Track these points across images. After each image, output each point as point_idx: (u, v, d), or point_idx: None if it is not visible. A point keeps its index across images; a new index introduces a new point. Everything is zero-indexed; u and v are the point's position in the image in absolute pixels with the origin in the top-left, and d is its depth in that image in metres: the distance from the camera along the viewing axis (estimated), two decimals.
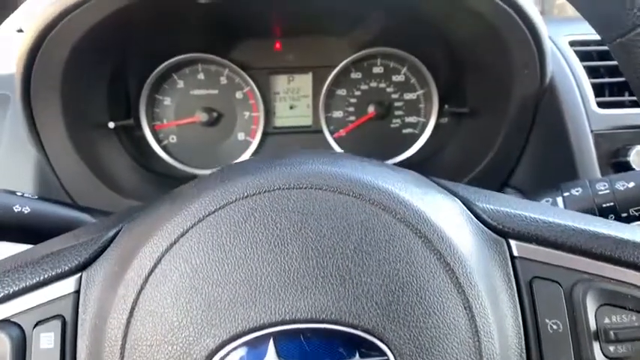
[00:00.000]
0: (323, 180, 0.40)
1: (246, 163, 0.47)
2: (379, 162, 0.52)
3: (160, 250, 0.39)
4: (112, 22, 0.77)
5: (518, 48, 0.82)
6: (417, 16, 0.92)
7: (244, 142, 1.13)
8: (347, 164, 0.44)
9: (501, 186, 0.97)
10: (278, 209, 0.39)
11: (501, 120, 0.92)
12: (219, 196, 0.40)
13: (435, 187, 0.48)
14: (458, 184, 0.53)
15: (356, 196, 0.40)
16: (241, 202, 0.39)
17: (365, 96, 1.13)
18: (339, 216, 0.39)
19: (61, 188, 0.90)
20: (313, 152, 0.49)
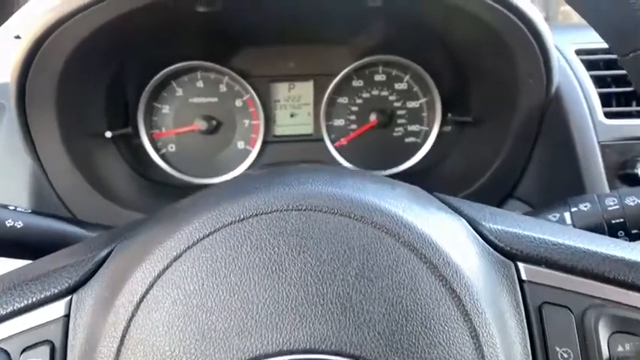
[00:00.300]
0: (323, 201, 0.38)
1: (243, 180, 0.45)
2: (381, 177, 0.51)
3: (151, 275, 0.37)
4: (109, 31, 0.76)
5: (524, 57, 0.80)
6: (420, 23, 0.91)
7: (244, 151, 1.11)
8: (348, 183, 0.42)
9: (506, 197, 0.96)
10: (276, 232, 0.37)
11: (506, 130, 0.90)
12: (214, 218, 0.38)
13: (439, 205, 0.46)
14: (462, 201, 0.52)
15: (357, 219, 0.38)
16: (237, 224, 0.38)
17: (367, 104, 1.11)
18: (340, 240, 0.37)
19: (57, 198, 0.88)
20: (313, 169, 0.48)
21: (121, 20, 0.73)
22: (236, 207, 0.38)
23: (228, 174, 1.10)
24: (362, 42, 1.04)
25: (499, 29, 0.78)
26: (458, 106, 1.06)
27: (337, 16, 0.91)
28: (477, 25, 0.79)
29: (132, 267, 0.39)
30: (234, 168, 1.11)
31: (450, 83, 1.06)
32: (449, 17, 0.81)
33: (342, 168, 0.52)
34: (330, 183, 0.41)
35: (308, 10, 0.88)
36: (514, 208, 0.95)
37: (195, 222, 0.38)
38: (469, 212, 0.47)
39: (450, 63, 1.02)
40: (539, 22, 0.78)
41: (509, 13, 0.75)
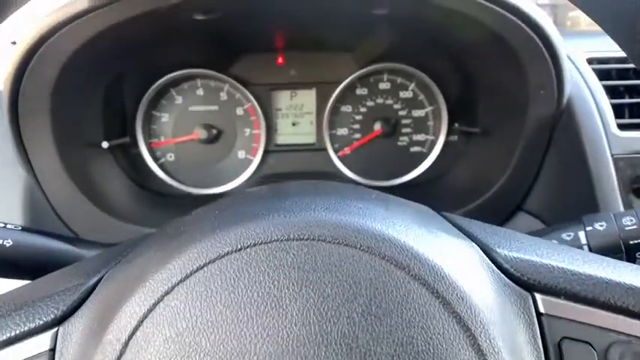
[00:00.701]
0: (326, 230, 0.36)
1: (241, 203, 0.42)
2: (388, 198, 0.48)
3: (141, 311, 0.34)
4: (106, 39, 0.73)
5: (535, 67, 0.78)
6: (426, 31, 0.88)
7: (245, 161, 1.09)
8: (353, 208, 0.39)
9: (515, 210, 0.93)
10: (275, 264, 0.35)
11: (515, 141, 0.87)
12: (208, 247, 0.35)
13: (450, 230, 0.43)
14: (474, 223, 0.49)
15: (364, 249, 0.35)
16: (234, 255, 0.35)
17: (371, 113, 1.09)
18: (345, 273, 0.34)
19: (52, 211, 0.86)
20: (315, 189, 0.45)
21: (117, 28, 0.71)
22: (232, 236, 0.35)
23: (229, 184, 1.08)
24: (366, 49, 1.02)
25: (509, 38, 0.75)
26: (465, 116, 1.04)
27: (341, 23, 0.88)
28: (485, 33, 0.76)
29: (121, 300, 0.36)
30: (234, 178, 1.08)
31: (457, 92, 1.04)
32: (456, 25, 0.78)
33: (346, 186, 0.49)
34: (334, 208, 0.38)
35: (311, 18, 0.85)
36: (523, 221, 0.93)
37: (188, 252, 0.36)
38: (482, 237, 0.44)
39: (457, 72, 0.99)
40: (552, 32, 0.75)
41: (520, 21, 0.72)
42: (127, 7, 0.65)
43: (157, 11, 0.67)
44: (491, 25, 0.73)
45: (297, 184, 0.49)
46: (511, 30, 0.73)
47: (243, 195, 0.46)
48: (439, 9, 0.71)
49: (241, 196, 0.45)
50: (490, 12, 0.72)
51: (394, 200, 0.48)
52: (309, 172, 1.10)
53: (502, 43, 0.76)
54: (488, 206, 0.92)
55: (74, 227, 0.87)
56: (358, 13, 0.78)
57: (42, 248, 0.61)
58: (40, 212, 0.85)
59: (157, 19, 0.73)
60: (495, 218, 0.93)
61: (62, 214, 0.86)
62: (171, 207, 1.02)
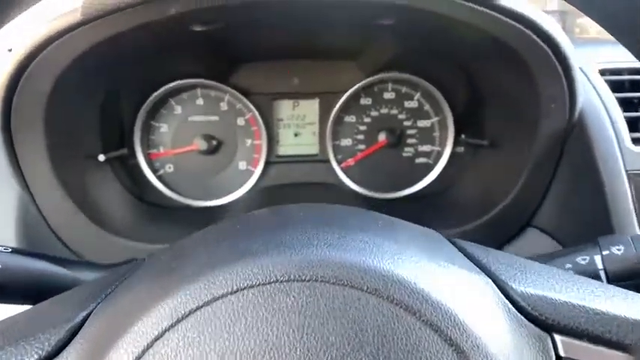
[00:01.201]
0: (330, 270, 0.33)
1: (236, 236, 0.39)
2: (393, 225, 0.45)
3: (129, 358, 0.32)
4: (102, 50, 0.71)
5: (546, 80, 0.75)
6: (432, 41, 0.85)
7: (246, 172, 1.06)
8: (358, 243, 0.36)
9: (525, 226, 0.90)
10: (274, 308, 0.32)
11: (525, 155, 0.84)
12: (202, 289, 0.32)
13: (463, 263, 0.40)
14: (487, 252, 0.46)
15: (371, 292, 0.32)
16: (229, 298, 0.32)
17: (375, 123, 1.06)
18: (351, 318, 0.32)
19: (47, 226, 0.83)
20: (317, 218, 0.42)
21: (113, 40, 0.68)
22: (227, 276, 0.33)
23: (229, 196, 1.05)
24: (371, 58, 0.99)
25: (519, 50, 0.72)
26: (472, 127, 1.01)
27: (345, 33, 0.85)
28: (493, 44, 0.73)
29: (108, 344, 0.33)
30: (235, 190, 1.06)
31: (464, 102, 1.01)
32: (463, 36, 0.76)
33: (349, 212, 0.46)
34: (337, 244, 0.35)
35: (314, 27, 0.83)
36: (533, 238, 0.90)
37: (180, 293, 0.33)
38: (497, 269, 0.41)
39: (464, 82, 0.96)
40: (564, 43, 0.72)
41: (530, 32, 0.69)
42: (122, 20, 0.63)
43: (154, 23, 0.65)
44: (501, 36, 0.70)
45: (297, 209, 0.46)
46: (521, 41, 0.70)
47: (238, 223, 0.43)
48: (446, 20, 0.68)
49: (237, 226, 0.43)
50: (499, 22, 0.69)
51: (402, 228, 0.45)
52: (311, 184, 1.07)
53: (512, 54, 0.73)
54: (496, 222, 0.89)
55: (70, 244, 0.85)
56: (363, 23, 0.75)
57: (33, 272, 0.59)
58: (35, 228, 0.82)
59: (155, 30, 0.70)
60: (504, 234, 0.90)
61: (57, 230, 0.84)
62: (170, 220, 1.00)
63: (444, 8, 0.64)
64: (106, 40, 0.67)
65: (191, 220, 1.01)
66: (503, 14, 0.66)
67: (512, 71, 0.79)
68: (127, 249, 0.86)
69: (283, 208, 0.47)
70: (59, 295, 0.47)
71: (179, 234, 0.93)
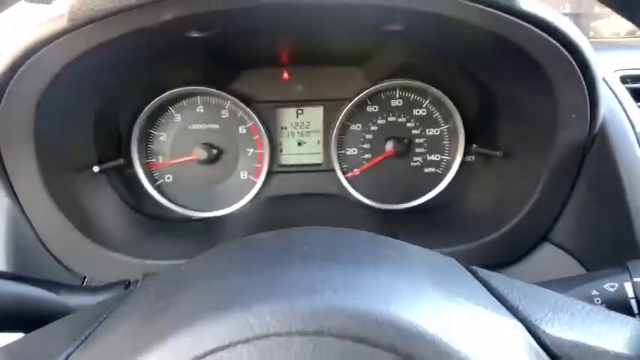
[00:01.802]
0: (337, 320, 0.28)
1: (231, 273, 0.35)
2: (409, 257, 0.40)
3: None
4: (94, 58, 0.67)
5: (567, 89, 0.70)
6: (444, 47, 0.80)
7: (247, 182, 1.02)
8: (370, 284, 0.32)
9: (540, 240, 0.85)
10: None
11: (541, 167, 0.79)
12: (189, 344, 0.28)
13: (489, 303, 0.36)
14: (511, 284, 0.41)
15: (387, 348, 0.28)
16: (220, 354, 0.28)
17: (382, 131, 1.02)
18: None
19: (39, 242, 0.79)
20: (326, 249, 0.37)
21: (106, 46, 0.64)
22: (218, 328, 0.28)
23: (230, 207, 1.01)
24: (378, 64, 0.94)
25: (537, 55, 0.67)
26: (483, 136, 0.96)
27: (351, 39, 0.81)
28: (509, 50, 0.69)
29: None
30: (236, 200, 1.01)
31: (475, 110, 0.96)
32: (477, 41, 0.71)
33: (359, 239, 0.41)
34: (346, 285, 0.31)
35: (318, 33, 0.78)
36: (549, 254, 0.85)
37: (167, 345, 0.29)
38: (526, 309, 0.37)
39: (476, 89, 0.92)
40: (586, 48, 0.67)
41: (550, 36, 0.64)
42: (114, 26, 0.59)
43: (148, 29, 0.60)
44: (517, 41, 0.66)
45: (301, 237, 0.42)
46: (539, 46, 0.66)
47: (234, 255, 0.39)
48: (460, 25, 0.64)
49: (233, 258, 0.38)
50: (515, 26, 0.64)
51: (418, 260, 0.40)
52: (315, 195, 1.03)
53: (528, 60, 0.69)
54: (509, 237, 0.84)
55: (63, 260, 0.81)
56: (371, 29, 0.70)
57: (18, 297, 0.55)
58: (26, 244, 0.78)
59: (150, 36, 0.66)
60: (517, 250, 0.86)
61: (49, 246, 0.80)
62: (168, 232, 0.96)
63: (460, 13, 0.60)
64: (97, 47, 0.63)
65: (190, 231, 0.97)
66: (520, 18, 0.61)
67: (528, 78, 0.74)
68: (123, 264, 0.82)
69: (285, 235, 0.43)
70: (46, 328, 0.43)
71: (178, 247, 0.90)
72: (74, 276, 0.83)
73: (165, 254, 0.85)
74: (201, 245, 0.90)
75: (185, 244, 0.91)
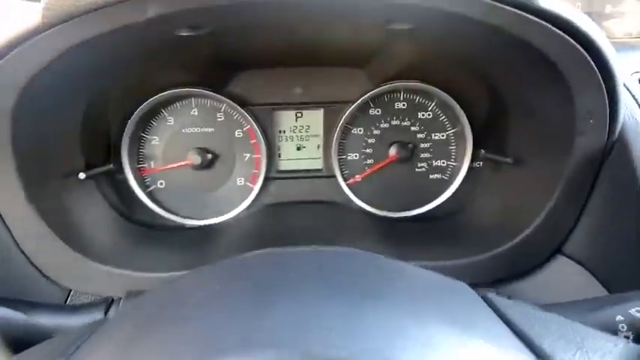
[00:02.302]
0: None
1: (211, 313, 0.30)
2: (416, 286, 0.36)
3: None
4: (75, 59, 0.62)
5: (585, 93, 0.65)
6: (452, 47, 0.76)
7: (243, 188, 0.97)
8: (372, 329, 0.27)
9: (553, 253, 0.80)
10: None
11: (556, 175, 0.74)
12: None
13: (508, 341, 0.31)
14: (532, 316, 0.36)
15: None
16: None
17: (385, 136, 0.97)
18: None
19: (19, 252, 0.74)
20: (322, 278, 0.33)
21: (88, 45, 0.59)
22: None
23: (225, 214, 0.96)
24: (382, 66, 0.90)
25: (556, 58, 0.62)
26: (493, 141, 0.91)
27: (355, 38, 0.76)
28: (524, 51, 0.64)
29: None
30: (232, 207, 0.97)
31: (484, 114, 0.91)
32: (491, 41, 0.66)
33: (360, 268, 0.36)
34: (347, 331, 0.26)
35: (317, 32, 0.74)
36: (562, 267, 0.80)
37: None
38: (551, 349, 0.32)
39: (485, 91, 0.87)
40: (607, 49, 0.62)
41: (571, 39, 0.59)
42: (94, 23, 0.54)
43: (133, 27, 0.56)
44: (535, 42, 0.61)
45: (296, 261, 0.37)
46: (559, 47, 0.61)
47: (218, 286, 0.34)
48: (471, 23, 0.59)
49: (214, 292, 0.33)
50: (532, 25, 0.59)
51: (428, 290, 0.35)
52: (315, 202, 0.98)
53: (546, 62, 0.64)
54: (521, 249, 0.79)
55: (46, 271, 0.76)
56: (376, 27, 0.66)
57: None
58: (7, 255, 0.73)
59: (137, 35, 0.61)
60: (529, 263, 0.81)
61: (32, 257, 0.75)
62: (160, 241, 0.91)
63: (474, 11, 0.55)
64: (78, 46, 0.58)
65: (183, 241, 0.92)
66: (538, 15, 0.56)
67: (543, 81, 0.69)
68: (111, 277, 0.77)
69: (277, 260, 0.38)
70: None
71: (169, 258, 0.85)
72: (59, 289, 0.78)
73: (156, 266, 0.80)
74: (194, 255, 0.85)
75: (177, 254, 0.86)
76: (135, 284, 0.77)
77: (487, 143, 0.94)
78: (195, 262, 0.80)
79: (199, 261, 0.80)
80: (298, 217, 0.94)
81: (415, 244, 0.88)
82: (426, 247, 0.87)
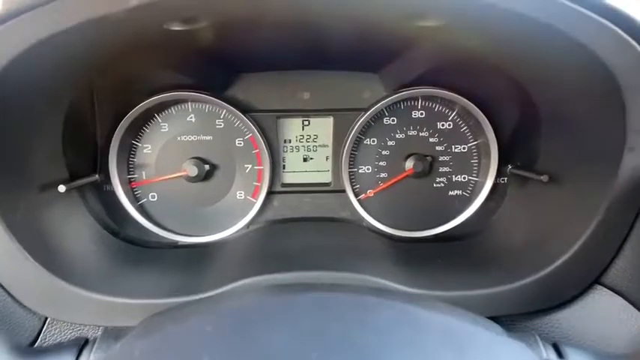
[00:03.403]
0: None
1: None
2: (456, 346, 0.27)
3: None
4: (47, 55, 0.54)
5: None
6: (484, 49, 0.66)
7: (244, 203, 0.91)
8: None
9: (591, 284, 0.71)
10: None
11: (599, 197, 0.66)
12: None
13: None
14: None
15: None
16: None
17: (401, 147, 0.90)
18: None
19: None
20: (336, 340, 0.24)
21: (62, 38, 0.51)
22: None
23: (223, 232, 0.89)
24: (399, 70, 0.82)
25: (611, 62, 0.53)
26: (521, 155, 0.83)
27: (371, 38, 0.67)
28: (575, 53, 0.55)
29: None
30: (230, 224, 0.90)
31: (513, 125, 0.84)
32: (533, 41, 0.57)
33: (385, 327, 0.28)
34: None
35: (329, 30, 0.65)
36: (601, 299, 0.72)
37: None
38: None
39: (517, 99, 0.79)
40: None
41: (632, 39, 0.50)
42: (64, 13, 0.45)
43: (113, 18, 0.47)
44: (589, 42, 0.52)
45: (303, 314, 0.28)
46: (617, 50, 0.52)
47: (205, 346, 0.25)
48: (516, 19, 0.50)
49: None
50: (592, 24, 0.50)
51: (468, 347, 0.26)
52: (322, 219, 0.91)
53: (597, 66, 0.55)
54: (556, 278, 0.71)
55: (20, 296, 0.68)
56: (401, 23, 0.56)
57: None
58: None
59: (121, 29, 0.53)
60: (564, 294, 0.72)
61: (3, 281, 0.67)
62: (149, 261, 0.83)
63: (525, 4, 0.46)
64: (50, 39, 0.49)
65: (176, 260, 0.84)
66: (599, 13, 0.47)
67: (590, 88, 0.60)
68: (92, 303, 0.69)
69: (287, 317, 0.29)
70: None
71: (159, 281, 0.76)
72: (33, 316, 0.69)
73: (144, 290, 0.72)
74: (187, 278, 0.76)
75: (168, 276, 0.78)
76: (119, 312, 0.68)
77: (514, 157, 0.86)
78: (188, 286, 0.72)
79: (193, 285, 0.72)
80: (303, 237, 0.87)
81: (433, 269, 0.80)
82: (446, 273, 0.78)
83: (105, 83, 0.76)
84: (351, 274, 0.67)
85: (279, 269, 0.68)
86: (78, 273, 0.71)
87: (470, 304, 0.70)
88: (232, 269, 0.77)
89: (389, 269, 0.77)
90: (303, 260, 0.76)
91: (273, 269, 0.68)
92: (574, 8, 0.47)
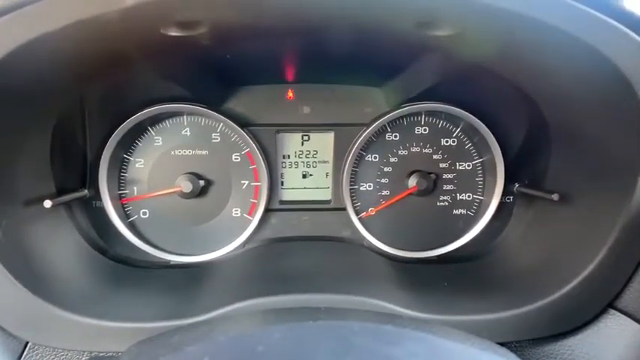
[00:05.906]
0: None
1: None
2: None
3: None
4: (39, 54, 0.50)
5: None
6: (501, 62, 0.64)
7: (240, 221, 0.88)
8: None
9: (606, 308, 0.68)
10: None
11: (613, 218, 0.64)
12: None
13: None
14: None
15: None
16: None
17: (403, 164, 0.88)
18: None
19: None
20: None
21: (47, 42, 0.47)
22: None
23: (218, 251, 0.86)
24: (403, 84, 0.80)
25: (629, 72, 0.51)
26: (529, 174, 0.80)
27: (376, 50, 0.65)
28: (591, 64, 0.52)
29: None
30: (226, 243, 0.87)
31: (521, 142, 0.81)
32: (547, 51, 0.55)
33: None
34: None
35: (333, 39, 0.62)
36: (615, 324, 0.68)
37: None
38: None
39: (525, 115, 0.77)
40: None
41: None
42: (50, 14, 0.42)
43: (106, 20, 0.44)
44: (607, 50, 0.49)
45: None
46: (636, 59, 0.49)
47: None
48: (533, 27, 0.48)
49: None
50: (611, 32, 0.48)
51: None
52: (322, 238, 0.88)
53: (613, 78, 0.52)
54: (568, 302, 0.68)
55: (1, 322, 0.63)
56: (405, 34, 0.54)
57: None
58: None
59: (117, 33, 0.50)
60: (576, 319, 0.69)
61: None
62: (139, 282, 0.79)
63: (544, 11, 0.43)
64: (34, 42, 0.46)
65: (167, 281, 0.80)
66: (619, 20, 0.45)
67: (605, 102, 0.58)
68: (77, 327, 0.64)
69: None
70: None
71: (149, 303, 0.72)
72: (12, 340, 0.64)
73: (133, 313, 0.67)
74: (179, 300, 0.72)
75: (160, 298, 0.74)
76: (106, 337, 0.64)
77: (520, 175, 0.83)
78: (180, 308, 0.68)
79: (186, 308, 0.67)
80: (302, 256, 0.83)
81: (437, 291, 0.76)
82: (450, 295, 0.74)
83: (96, 93, 0.73)
84: (355, 297, 0.63)
85: (277, 291, 0.64)
86: (62, 294, 0.67)
87: (476, 329, 0.66)
88: (227, 291, 0.73)
89: (393, 292, 0.74)
90: (303, 282, 0.72)
91: (270, 291, 0.64)
92: (597, 16, 0.44)
